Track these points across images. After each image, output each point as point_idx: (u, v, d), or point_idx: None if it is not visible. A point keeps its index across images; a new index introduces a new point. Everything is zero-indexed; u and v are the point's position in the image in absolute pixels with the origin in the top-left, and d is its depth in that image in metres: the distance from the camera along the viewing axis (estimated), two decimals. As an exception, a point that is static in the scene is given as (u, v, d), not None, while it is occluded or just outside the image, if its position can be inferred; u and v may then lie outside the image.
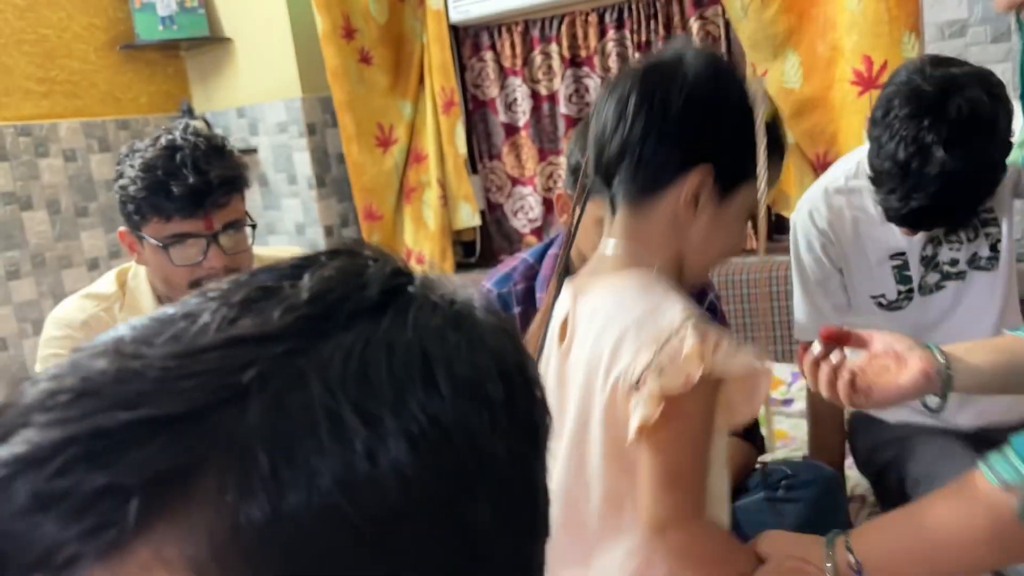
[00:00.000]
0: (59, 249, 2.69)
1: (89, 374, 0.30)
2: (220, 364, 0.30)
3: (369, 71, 2.82)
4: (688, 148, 0.87)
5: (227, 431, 0.29)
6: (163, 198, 1.26)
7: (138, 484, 0.28)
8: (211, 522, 0.28)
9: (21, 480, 0.28)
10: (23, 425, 0.29)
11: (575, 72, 2.62)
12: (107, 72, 2.87)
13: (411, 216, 2.94)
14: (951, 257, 1.51)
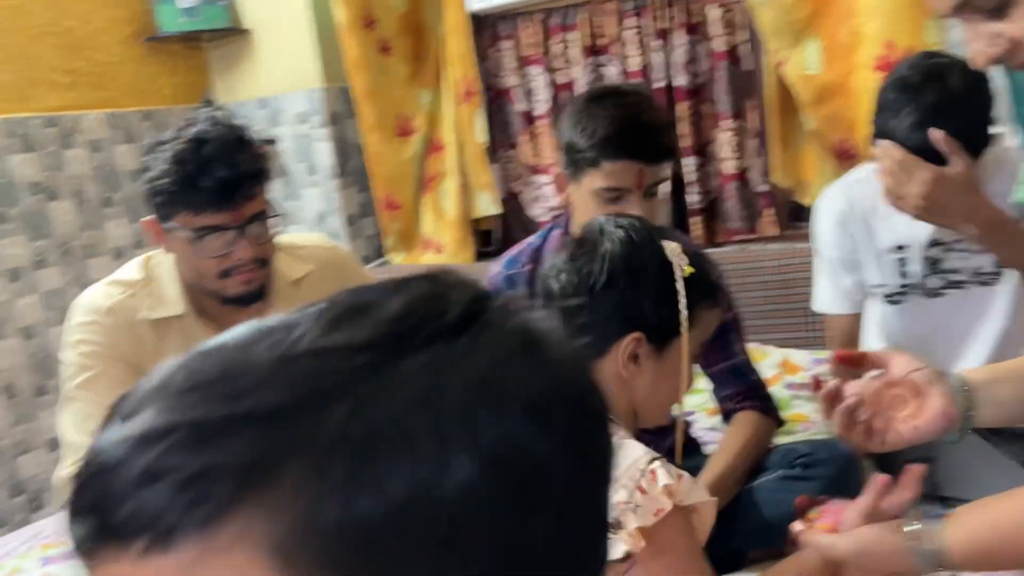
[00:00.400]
0: (84, 239, 2.73)
1: (197, 370, 0.34)
2: (310, 371, 0.33)
3: (389, 61, 2.84)
4: (617, 318, 0.98)
5: (310, 432, 0.32)
6: (194, 192, 1.28)
7: (229, 470, 0.31)
8: (290, 512, 0.31)
9: (136, 455, 0.32)
10: (141, 409, 0.33)
11: (595, 60, 2.62)
12: (131, 64, 2.90)
13: (430, 205, 2.95)
14: (955, 266, 1.60)
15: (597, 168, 1.39)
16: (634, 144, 1.38)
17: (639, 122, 1.40)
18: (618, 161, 1.38)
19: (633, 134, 1.38)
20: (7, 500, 2.52)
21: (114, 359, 1.36)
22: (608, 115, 1.39)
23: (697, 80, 2.46)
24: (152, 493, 0.31)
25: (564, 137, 1.46)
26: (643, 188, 1.40)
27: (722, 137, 2.45)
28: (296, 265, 1.54)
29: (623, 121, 1.38)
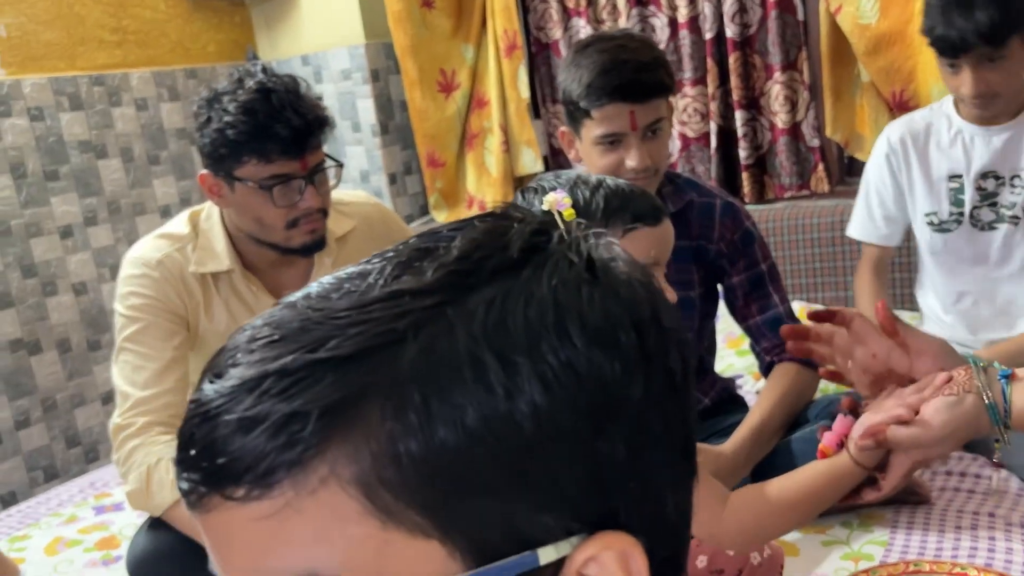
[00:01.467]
0: (133, 196, 2.77)
1: (280, 323, 0.36)
2: (382, 314, 0.35)
3: (431, 15, 2.80)
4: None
5: (387, 371, 0.34)
6: (267, 140, 1.29)
7: (315, 412, 0.34)
8: (374, 447, 0.34)
9: (232, 407, 0.35)
10: (233, 364, 0.36)
11: (641, 11, 2.55)
12: (177, 21, 2.91)
13: (473, 162, 2.93)
14: (1011, 200, 1.64)
15: (590, 117, 1.38)
16: (616, 85, 1.35)
17: (621, 63, 1.36)
18: (606, 105, 1.36)
19: (616, 75, 1.35)
20: (64, 451, 2.60)
21: (163, 311, 1.38)
22: (591, 61, 1.37)
23: (747, 31, 2.39)
24: (249, 440, 0.34)
25: (561, 92, 1.45)
26: (638, 129, 1.38)
27: (773, 90, 2.39)
28: (341, 221, 1.54)
29: (605, 65, 1.36)
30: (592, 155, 1.43)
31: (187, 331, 1.42)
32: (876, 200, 1.79)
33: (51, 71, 2.59)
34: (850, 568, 1.32)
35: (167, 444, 1.29)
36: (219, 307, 1.44)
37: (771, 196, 2.46)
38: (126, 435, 1.30)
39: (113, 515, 1.83)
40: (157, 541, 1.31)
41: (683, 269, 1.56)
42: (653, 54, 1.42)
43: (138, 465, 1.27)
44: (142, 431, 1.30)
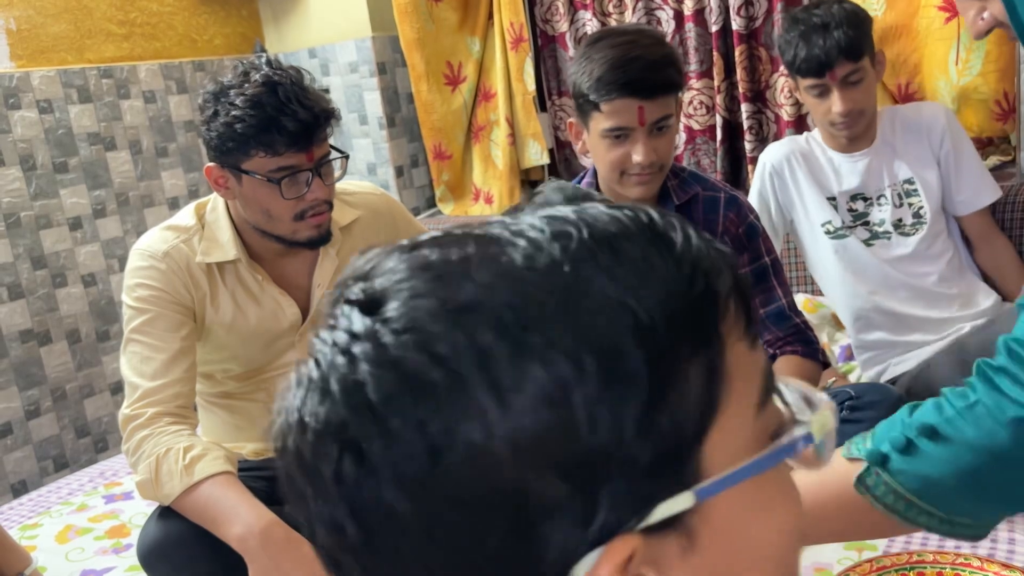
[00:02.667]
0: (141, 188, 2.78)
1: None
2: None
3: (438, 8, 2.81)
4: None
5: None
6: (274, 133, 1.30)
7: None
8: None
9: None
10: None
11: (647, 4, 2.55)
12: (184, 14, 2.93)
13: (479, 155, 2.94)
14: (880, 217, 1.83)
15: (598, 110, 1.39)
16: (626, 81, 1.36)
17: (632, 59, 1.37)
18: (615, 100, 1.37)
19: (627, 70, 1.36)
20: (74, 441, 2.62)
21: (170, 302, 1.39)
22: (603, 56, 1.38)
23: (753, 24, 2.39)
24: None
25: (571, 84, 1.46)
26: (646, 125, 1.39)
27: (779, 82, 2.38)
28: (346, 211, 1.55)
29: (616, 59, 1.37)
30: (599, 148, 1.44)
31: (194, 322, 1.43)
32: (768, 220, 1.91)
33: (59, 64, 2.61)
34: (853, 557, 1.33)
35: (176, 434, 1.30)
36: (225, 297, 1.45)
37: (777, 189, 2.46)
38: (135, 425, 1.31)
39: (123, 504, 1.85)
40: (167, 530, 1.32)
41: None
42: (664, 51, 1.42)
43: (147, 455, 1.28)
44: (151, 421, 1.31)
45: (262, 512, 1.24)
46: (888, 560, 1.28)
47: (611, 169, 1.44)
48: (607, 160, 1.44)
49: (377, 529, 0.36)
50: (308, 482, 0.38)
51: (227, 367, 1.53)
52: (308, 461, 0.37)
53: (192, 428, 1.35)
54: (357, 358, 0.36)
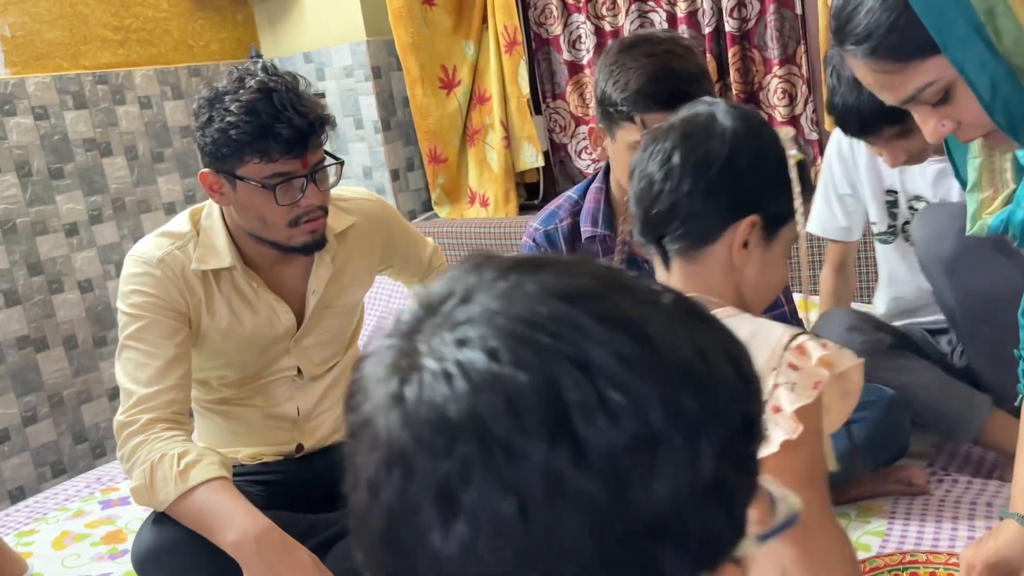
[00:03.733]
0: (138, 194, 2.79)
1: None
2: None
3: (432, 12, 2.82)
4: (735, 201, 0.92)
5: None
6: (269, 140, 1.30)
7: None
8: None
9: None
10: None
11: (640, 7, 2.56)
12: (179, 20, 2.93)
13: (475, 158, 2.95)
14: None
15: (631, 121, 1.36)
16: (667, 95, 1.32)
17: (672, 71, 1.34)
18: (652, 113, 1.33)
19: (666, 84, 1.33)
20: (71, 447, 2.63)
21: (165, 309, 1.39)
22: (640, 66, 1.34)
23: (746, 25, 2.40)
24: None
25: (598, 90, 1.42)
26: None
27: (772, 84, 2.39)
28: (341, 217, 1.55)
29: (655, 71, 1.33)
30: (625, 157, 1.39)
31: (189, 328, 1.43)
32: (833, 196, 1.78)
33: (55, 70, 2.61)
34: (846, 559, 1.34)
35: (170, 440, 1.30)
36: (221, 304, 1.45)
37: (771, 190, 2.47)
38: (129, 432, 1.31)
39: (119, 509, 1.85)
40: (162, 536, 1.32)
41: None
42: (699, 63, 1.40)
43: (142, 462, 1.28)
44: (145, 428, 1.31)
45: (257, 517, 1.25)
46: (881, 561, 1.29)
47: None
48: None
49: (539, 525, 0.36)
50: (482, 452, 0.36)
51: (222, 373, 1.53)
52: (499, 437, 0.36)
53: (187, 434, 1.35)
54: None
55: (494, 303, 0.38)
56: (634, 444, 0.35)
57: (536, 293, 0.38)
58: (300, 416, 1.59)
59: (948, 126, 0.90)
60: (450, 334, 0.38)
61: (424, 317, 0.40)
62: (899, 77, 0.87)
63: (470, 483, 0.35)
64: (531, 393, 0.35)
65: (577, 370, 0.36)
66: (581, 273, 0.40)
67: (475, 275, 0.40)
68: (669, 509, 0.36)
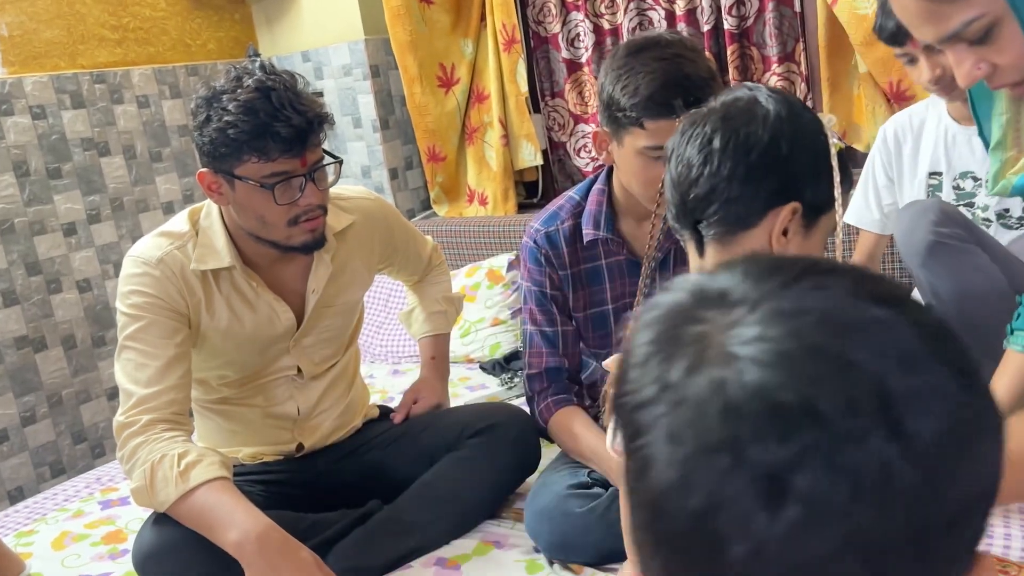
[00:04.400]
0: (136, 193, 2.78)
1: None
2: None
3: (430, 11, 2.81)
4: (776, 186, 0.90)
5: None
6: (269, 139, 1.29)
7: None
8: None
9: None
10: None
11: (638, 5, 2.56)
12: (177, 19, 2.93)
13: (473, 157, 2.94)
14: (985, 203, 1.67)
15: (640, 127, 1.33)
16: (681, 102, 1.29)
17: (683, 76, 1.30)
18: (662, 120, 1.31)
19: (678, 91, 1.29)
20: (70, 447, 2.62)
21: (165, 309, 1.39)
22: (649, 71, 1.31)
23: (745, 23, 2.40)
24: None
25: (604, 93, 1.38)
26: None
27: (771, 81, 2.39)
28: (340, 216, 1.55)
29: (667, 77, 1.30)
30: (634, 163, 1.38)
31: (189, 328, 1.43)
32: (872, 187, 1.83)
33: (52, 69, 2.61)
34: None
35: (170, 440, 1.30)
36: (220, 304, 1.45)
37: (770, 188, 2.47)
38: (129, 433, 1.31)
39: (119, 509, 1.85)
40: (162, 536, 1.32)
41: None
42: (709, 67, 1.37)
43: (142, 463, 1.28)
44: (145, 428, 1.31)
45: (258, 517, 1.24)
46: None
47: (648, 186, 1.38)
48: (644, 177, 1.38)
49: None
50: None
51: (222, 373, 1.53)
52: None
53: (187, 434, 1.35)
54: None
55: (802, 301, 0.40)
56: (950, 438, 0.38)
57: (845, 296, 0.40)
58: (300, 415, 1.59)
59: (984, 69, 0.84)
60: (755, 328, 0.39)
61: (705, 308, 0.41)
62: (945, 8, 0.80)
63: (805, 468, 0.36)
64: (863, 385, 0.37)
65: (899, 366, 0.38)
66: (876, 279, 0.42)
67: (760, 276, 0.42)
68: (968, 502, 0.39)
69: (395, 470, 1.58)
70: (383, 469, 1.60)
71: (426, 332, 1.82)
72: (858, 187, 1.86)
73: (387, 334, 2.61)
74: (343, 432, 1.66)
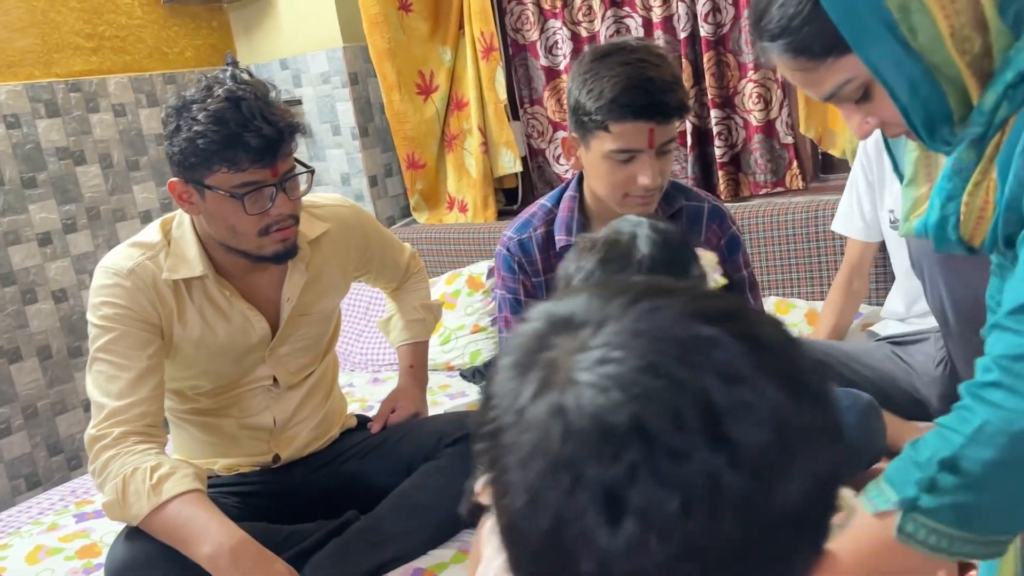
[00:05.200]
0: (113, 202, 2.76)
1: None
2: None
3: (408, 18, 2.81)
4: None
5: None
6: (239, 149, 1.28)
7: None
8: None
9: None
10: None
11: (615, 12, 2.57)
12: (153, 27, 2.91)
13: (453, 164, 2.94)
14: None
15: (606, 131, 1.35)
16: (643, 104, 1.32)
17: (646, 80, 1.32)
18: (627, 123, 1.33)
19: (641, 94, 1.31)
20: (46, 459, 2.59)
21: (136, 320, 1.38)
22: (614, 75, 1.33)
23: (721, 30, 2.41)
24: None
25: (571, 99, 1.40)
26: (655, 147, 1.36)
27: (747, 88, 2.40)
28: (314, 224, 1.54)
29: (630, 80, 1.31)
30: (600, 167, 1.40)
31: (161, 339, 1.41)
32: (855, 196, 1.84)
33: (27, 78, 2.58)
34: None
35: (143, 453, 1.29)
36: (193, 314, 1.44)
37: (746, 194, 2.48)
38: (101, 446, 1.30)
39: (94, 522, 1.83)
40: (134, 550, 1.31)
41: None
42: (673, 72, 1.38)
43: (113, 476, 1.27)
44: (117, 441, 1.30)
45: (232, 530, 1.23)
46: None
47: (616, 189, 1.40)
48: (611, 181, 1.40)
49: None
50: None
51: (197, 383, 1.52)
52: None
53: (160, 447, 1.34)
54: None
55: (637, 324, 0.42)
56: (776, 444, 0.40)
57: (676, 316, 0.42)
58: (276, 426, 1.58)
59: (872, 123, 0.86)
60: (597, 352, 0.41)
61: (555, 334, 0.44)
62: (816, 75, 0.83)
63: (637, 484, 0.39)
64: (688, 402, 0.39)
65: (724, 382, 0.40)
66: (708, 297, 0.46)
67: (605, 299, 0.44)
68: (806, 501, 0.41)
69: (372, 480, 1.57)
70: (360, 479, 1.59)
71: (404, 340, 1.81)
72: (844, 196, 1.87)
73: (367, 342, 2.60)
74: (320, 442, 1.65)
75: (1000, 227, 0.80)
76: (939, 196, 0.85)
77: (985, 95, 0.78)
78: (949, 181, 0.84)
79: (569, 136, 1.45)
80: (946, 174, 0.84)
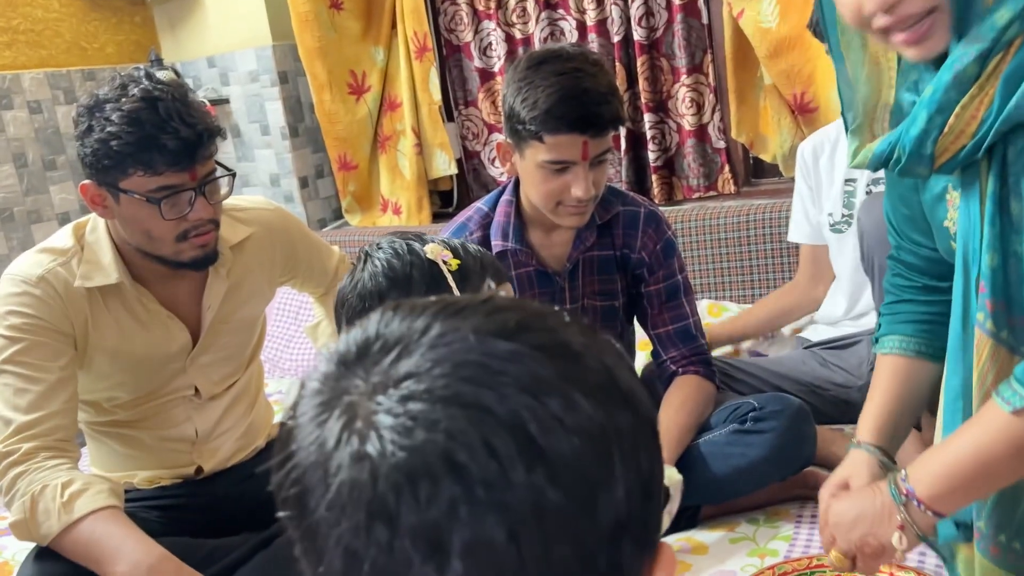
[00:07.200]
0: (28, 204, 2.65)
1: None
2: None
3: (340, 16, 2.76)
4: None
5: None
6: (154, 152, 1.23)
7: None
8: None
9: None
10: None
11: (550, 15, 2.56)
12: (72, 21, 2.80)
13: (386, 166, 2.90)
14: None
15: (540, 141, 1.33)
16: (577, 117, 1.30)
17: (581, 91, 1.30)
18: (561, 135, 1.31)
19: (575, 106, 1.30)
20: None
21: (47, 330, 1.31)
22: (548, 84, 1.31)
23: (654, 34, 2.42)
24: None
25: (506, 105, 1.38)
26: (588, 159, 1.35)
27: (680, 92, 2.42)
28: (236, 228, 1.49)
29: (564, 92, 1.30)
30: (534, 176, 1.39)
31: (75, 350, 1.35)
32: (800, 204, 1.91)
33: (-66, 73, 2.46)
34: (757, 564, 1.35)
35: (54, 469, 1.22)
36: (108, 323, 1.38)
37: (679, 197, 2.50)
38: (9, 462, 1.23)
39: (5, 540, 1.74)
40: (44, 571, 1.24)
41: (608, 279, 1.56)
42: (609, 81, 1.37)
43: (22, 494, 1.20)
44: (27, 457, 1.23)
45: (150, 547, 1.18)
46: (790, 566, 1.30)
47: (548, 199, 1.39)
48: (543, 191, 1.39)
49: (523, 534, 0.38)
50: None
51: (113, 395, 1.45)
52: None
53: (73, 462, 1.27)
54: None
55: (434, 352, 0.40)
56: (592, 452, 0.39)
57: (472, 336, 0.40)
58: (199, 437, 1.52)
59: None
60: (395, 390, 0.39)
61: (350, 373, 0.41)
62: None
63: (459, 522, 0.37)
64: (496, 426, 0.37)
65: (530, 396, 0.38)
66: (503, 309, 0.43)
67: (398, 324, 0.42)
68: (627, 507, 0.40)
69: (300, 491, 1.53)
70: (288, 490, 1.54)
71: (334, 347, 1.77)
72: (792, 207, 1.93)
73: (296, 348, 2.54)
74: (245, 453, 1.60)
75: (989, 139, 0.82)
76: (928, 108, 0.86)
77: (999, 10, 0.79)
78: (945, 93, 0.84)
79: (504, 142, 1.43)
80: (943, 86, 0.84)
